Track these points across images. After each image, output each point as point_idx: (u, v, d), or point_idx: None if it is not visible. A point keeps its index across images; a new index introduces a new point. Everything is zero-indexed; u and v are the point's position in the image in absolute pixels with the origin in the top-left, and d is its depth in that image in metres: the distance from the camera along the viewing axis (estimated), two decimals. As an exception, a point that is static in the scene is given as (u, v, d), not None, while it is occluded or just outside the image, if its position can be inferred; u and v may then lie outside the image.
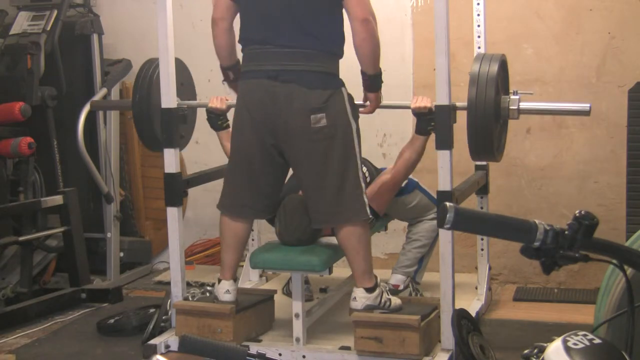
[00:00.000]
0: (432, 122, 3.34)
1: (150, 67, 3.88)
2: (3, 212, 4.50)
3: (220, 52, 3.45)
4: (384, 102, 3.46)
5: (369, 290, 3.29)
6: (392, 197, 3.70)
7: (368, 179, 3.59)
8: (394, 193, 3.69)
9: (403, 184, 3.84)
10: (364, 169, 3.45)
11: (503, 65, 3.42)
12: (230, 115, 3.63)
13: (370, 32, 3.17)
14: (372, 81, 3.31)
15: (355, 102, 3.36)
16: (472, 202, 4.10)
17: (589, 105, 3.40)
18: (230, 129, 3.67)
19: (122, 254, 5.08)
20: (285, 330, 3.55)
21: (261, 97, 3.24)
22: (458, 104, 3.27)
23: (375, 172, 3.83)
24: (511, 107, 3.36)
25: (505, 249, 4.60)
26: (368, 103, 3.41)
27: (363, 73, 3.30)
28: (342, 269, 3.75)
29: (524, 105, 3.38)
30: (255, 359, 1.46)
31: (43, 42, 4.77)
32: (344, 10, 3.21)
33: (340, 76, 3.29)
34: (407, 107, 3.50)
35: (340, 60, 3.29)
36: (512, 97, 3.36)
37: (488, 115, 3.25)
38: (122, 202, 5.19)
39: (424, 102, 3.38)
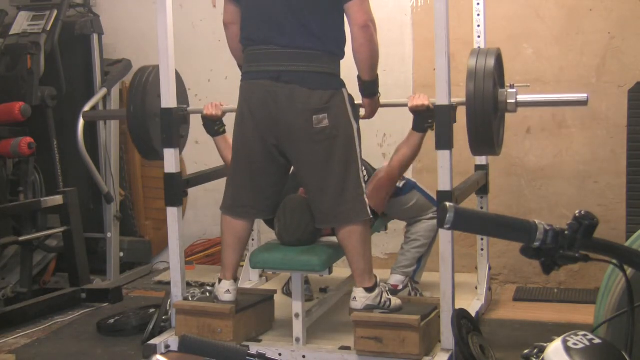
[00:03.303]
0: (429, 120, 3.36)
1: (143, 76, 3.86)
2: (3, 212, 4.50)
3: (235, 54, 3.50)
4: (382, 100, 3.46)
5: (369, 290, 3.29)
6: (389, 194, 3.70)
7: (366, 178, 3.59)
8: (390, 189, 3.69)
9: (401, 185, 3.84)
10: (363, 169, 3.45)
11: (499, 59, 3.42)
12: (231, 118, 3.63)
13: (370, 38, 3.17)
14: (366, 86, 3.32)
15: (356, 104, 3.37)
16: (472, 202, 4.10)
17: (586, 95, 3.39)
18: (227, 134, 3.69)
19: (122, 254, 5.08)
20: (285, 330, 3.55)
21: (263, 97, 3.24)
22: (457, 99, 3.28)
23: (372, 171, 3.83)
24: (509, 101, 3.36)
25: (505, 249, 4.60)
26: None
27: (359, 78, 3.31)
28: (342, 269, 3.75)
29: (521, 98, 3.38)
30: (255, 359, 1.46)
31: (43, 42, 4.77)
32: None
33: (341, 76, 3.29)
34: (405, 105, 3.51)
35: (341, 61, 3.29)
36: (510, 90, 3.36)
37: (487, 109, 3.25)
38: (122, 202, 5.20)
39: (422, 100, 3.39)
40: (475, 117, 3.26)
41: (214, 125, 3.73)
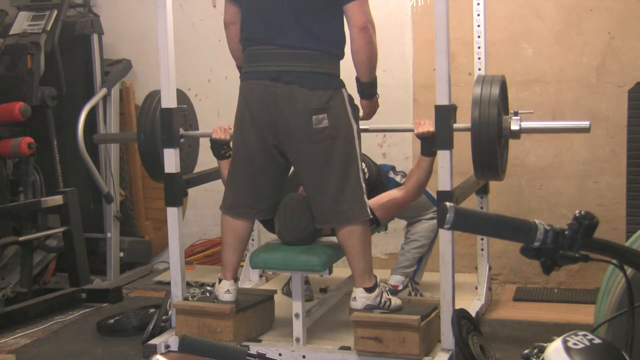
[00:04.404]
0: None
1: (153, 101, 3.81)
2: (3, 212, 4.50)
3: (234, 53, 3.50)
4: (387, 125, 3.51)
5: (369, 290, 3.29)
6: (398, 212, 3.70)
7: (367, 175, 3.59)
8: (400, 210, 3.68)
9: (402, 182, 3.84)
10: (363, 165, 3.45)
11: (503, 86, 3.45)
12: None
13: (369, 39, 3.17)
14: (364, 88, 3.32)
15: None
16: (472, 202, 4.10)
17: (588, 122, 3.44)
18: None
19: (122, 254, 5.08)
20: (285, 330, 3.55)
21: (263, 98, 3.24)
22: (461, 125, 3.30)
23: (374, 167, 3.82)
24: (513, 127, 3.38)
25: (505, 249, 4.60)
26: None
27: (357, 79, 3.31)
28: (342, 269, 3.75)
29: (525, 124, 3.41)
30: (255, 359, 1.46)
31: (43, 42, 4.77)
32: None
33: (341, 77, 3.29)
34: (410, 131, 3.52)
35: (341, 61, 3.29)
36: (514, 117, 3.39)
37: (492, 136, 3.29)
38: (122, 202, 5.20)
39: (427, 126, 3.36)
40: (480, 144, 3.29)
41: (220, 149, 3.68)
